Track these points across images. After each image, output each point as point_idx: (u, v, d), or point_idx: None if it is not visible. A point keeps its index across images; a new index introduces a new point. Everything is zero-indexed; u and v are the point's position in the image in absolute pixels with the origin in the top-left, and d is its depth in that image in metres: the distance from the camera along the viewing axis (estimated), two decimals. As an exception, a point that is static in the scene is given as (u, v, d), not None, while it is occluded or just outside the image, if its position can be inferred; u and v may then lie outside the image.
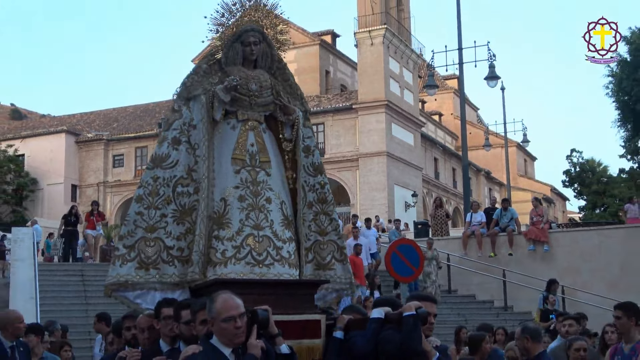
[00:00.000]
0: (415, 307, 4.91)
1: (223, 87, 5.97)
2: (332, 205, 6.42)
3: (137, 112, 54.21)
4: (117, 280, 5.75)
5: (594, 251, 20.26)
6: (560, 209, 72.04)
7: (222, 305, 4.33)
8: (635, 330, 6.75)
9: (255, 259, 5.71)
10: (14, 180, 47.82)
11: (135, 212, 5.90)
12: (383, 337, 4.91)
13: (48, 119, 60.80)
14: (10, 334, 7.26)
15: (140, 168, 48.99)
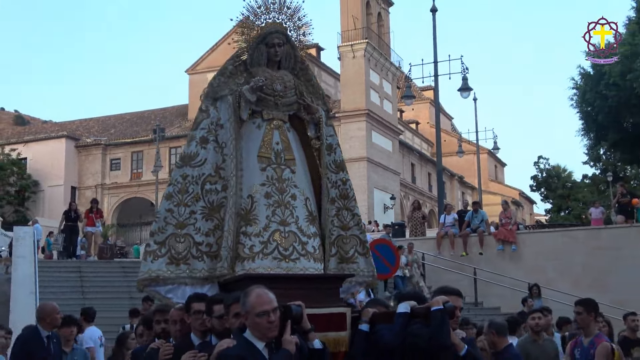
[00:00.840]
0: (442, 302, 4.71)
1: (249, 88, 5.80)
2: (353, 200, 6.22)
3: (134, 119, 54.07)
4: (148, 275, 5.58)
5: (559, 251, 20.29)
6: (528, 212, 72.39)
7: (255, 299, 4.18)
8: (595, 325, 6.82)
9: (282, 254, 5.55)
10: (17, 182, 47.62)
11: (165, 209, 5.73)
12: (411, 331, 4.72)
13: (49, 125, 60.64)
14: (48, 324, 7.14)
15: (136, 171, 49.01)
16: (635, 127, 29.28)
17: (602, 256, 19.59)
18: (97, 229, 22.73)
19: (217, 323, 4.79)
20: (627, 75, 26.78)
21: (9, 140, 51.94)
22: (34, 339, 7.05)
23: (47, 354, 7.04)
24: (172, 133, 46.98)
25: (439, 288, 5.21)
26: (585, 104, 29.93)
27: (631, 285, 18.45)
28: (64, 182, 48.66)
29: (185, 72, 50.65)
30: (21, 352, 6.92)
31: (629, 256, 19.32)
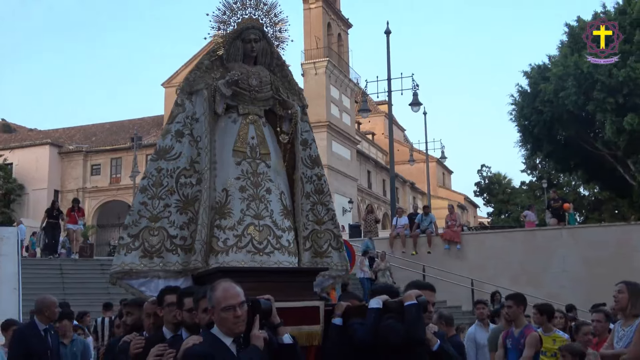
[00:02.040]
0: (415, 296, 4.36)
1: (225, 82, 5.35)
2: (328, 195, 5.83)
3: (113, 128, 53.39)
4: (121, 268, 5.09)
5: (499, 250, 20.43)
6: (472, 215, 73.05)
7: (221, 294, 3.71)
8: (524, 317, 6.91)
9: (256, 248, 5.11)
10: (3, 186, 46.81)
11: (139, 202, 5.27)
12: (385, 326, 4.31)
13: (34, 133, 59.66)
14: (46, 317, 6.72)
15: (115, 176, 48.46)
16: (567, 139, 29.64)
17: (537, 255, 19.77)
18: (78, 226, 22.06)
19: (188, 316, 4.33)
20: (560, 93, 27.10)
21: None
22: (32, 333, 6.63)
23: (45, 346, 6.60)
24: (149, 141, 46.39)
25: (412, 282, 4.84)
26: (522, 118, 30.26)
27: (563, 281, 18.73)
28: (47, 186, 47.74)
29: (161, 85, 50.11)
30: (19, 345, 6.51)
31: (561, 255, 19.59)
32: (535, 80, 29.53)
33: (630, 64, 25.10)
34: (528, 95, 29.83)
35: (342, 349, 4.48)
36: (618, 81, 25.22)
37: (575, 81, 26.65)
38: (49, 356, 6.57)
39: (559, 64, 27.89)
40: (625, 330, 5.71)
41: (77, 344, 7.64)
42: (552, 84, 27.60)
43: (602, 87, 25.73)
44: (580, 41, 27.86)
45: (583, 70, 26.20)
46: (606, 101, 25.79)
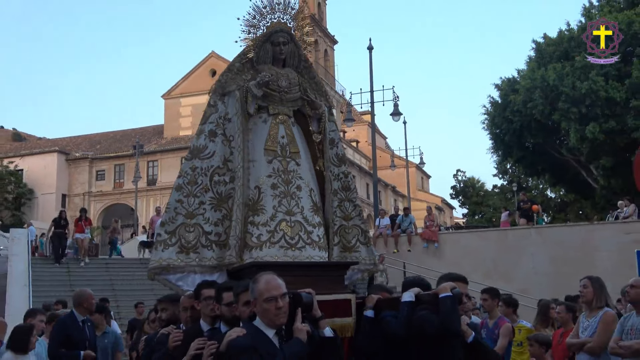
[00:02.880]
0: (450, 288, 4.05)
1: (256, 83, 5.12)
2: (354, 192, 5.60)
3: (117, 136, 53.00)
4: (159, 264, 4.87)
5: (473, 248, 20.35)
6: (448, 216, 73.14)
7: (264, 285, 3.50)
8: (498, 309, 6.93)
9: (288, 243, 4.88)
10: (14, 190, 46.16)
11: (175, 200, 5.02)
12: (420, 318, 3.98)
13: (43, 141, 59.23)
14: (85, 309, 6.60)
15: (118, 181, 48.18)
16: (534, 146, 29.79)
17: (508, 252, 19.78)
18: (86, 235, 21.27)
19: (227, 310, 4.07)
20: (528, 103, 27.27)
21: (7, 154, 50.06)
22: (72, 323, 6.51)
23: (84, 336, 6.50)
24: (150, 149, 46.09)
25: (445, 275, 4.51)
26: (494, 127, 30.40)
27: (532, 276, 18.78)
28: (55, 190, 47.11)
29: (161, 97, 49.72)
30: (60, 335, 6.37)
31: (530, 252, 19.65)
32: (505, 92, 29.69)
33: (592, 77, 25.27)
34: (499, 105, 29.99)
35: (374, 341, 4.23)
36: (581, 93, 25.39)
37: (542, 93, 26.81)
38: (86, 345, 6.48)
39: (527, 77, 28.06)
40: (589, 321, 5.73)
41: (109, 335, 7.48)
42: (520, 96, 27.77)
43: (566, 99, 25.89)
44: (546, 56, 28.18)
45: (549, 83, 26.37)
46: (570, 111, 25.95)
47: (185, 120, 47.84)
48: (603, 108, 25.46)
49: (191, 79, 48.12)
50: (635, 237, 19.21)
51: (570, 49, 27.30)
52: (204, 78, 47.10)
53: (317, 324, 3.79)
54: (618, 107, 25.24)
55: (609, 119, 25.44)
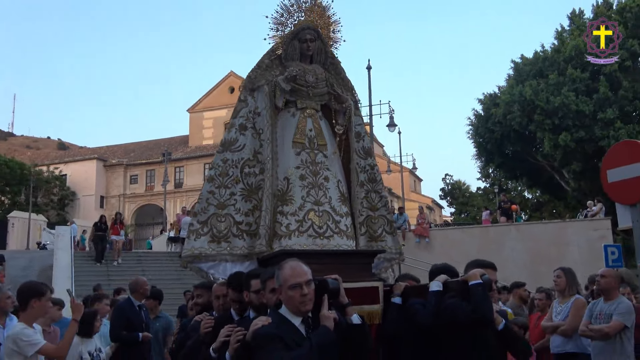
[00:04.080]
0: (480, 275, 3.55)
1: (284, 78, 4.70)
2: (380, 184, 5.10)
3: (149, 145, 53.00)
4: (191, 252, 4.46)
5: (460, 243, 20.19)
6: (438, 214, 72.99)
7: (289, 272, 3.06)
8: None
9: (317, 232, 4.44)
10: (59, 193, 46.26)
11: (207, 190, 4.63)
12: (450, 305, 3.52)
13: (84, 149, 59.39)
14: (140, 294, 6.44)
15: (149, 185, 48.18)
16: (513, 153, 29.59)
17: (491, 246, 19.67)
18: (120, 237, 20.76)
19: (255, 297, 3.64)
20: (507, 116, 27.13)
21: (53, 161, 50.23)
22: (129, 308, 6.32)
23: (140, 319, 6.30)
24: (177, 156, 46.10)
25: (473, 261, 4.01)
26: (478, 136, 30.29)
27: (511, 267, 18.68)
28: (94, 192, 46.96)
29: (186, 110, 49.79)
30: (120, 318, 6.21)
31: (509, 246, 19.60)
32: (487, 105, 29.59)
33: (564, 92, 25.12)
34: (482, 117, 29.88)
35: (402, 327, 3.77)
36: (554, 106, 25.26)
37: (519, 106, 26.66)
38: (143, 328, 6.28)
39: (507, 93, 27.92)
40: (562, 306, 5.71)
41: (162, 319, 7.18)
42: (501, 109, 27.66)
43: (541, 111, 25.77)
44: (523, 74, 28.07)
45: (526, 98, 26.24)
46: (545, 122, 25.81)
47: (208, 131, 47.84)
48: (574, 120, 25.31)
49: (212, 95, 48.14)
50: (602, 233, 19.17)
51: (545, 68, 27.16)
52: (224, 95, 47.17)
53: (344, 311, 3.31)
54: (587, 118, 25.09)
55: (579, 129, 25.29)
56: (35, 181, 41.90)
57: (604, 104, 24.73)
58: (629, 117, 25.20)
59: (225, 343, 3.38)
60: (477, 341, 3.46)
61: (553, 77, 25.87)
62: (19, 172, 43.13)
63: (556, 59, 26.53)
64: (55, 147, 67.97)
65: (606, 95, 24.60)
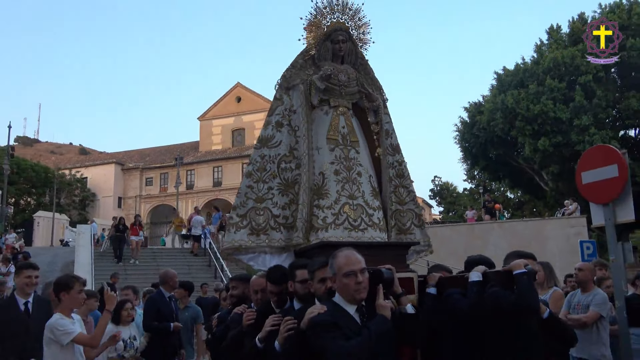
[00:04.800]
0: (523, 264, 3.25)
1: (319, 76, 4.51)
2: (408, 179, 4.86)
3: (162, 150, 52.84)
4: (231, 245, 4.25)
5: (448, 239, 20.12)
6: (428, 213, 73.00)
7: (343, 260, 2.85)
8: None
9: (352, 224, 4.23)
10: (80, 194, 46.14)
11: (246, 185, 4.40)
12: (493, 295, 3.20)
13: (104, 154, 59.26)
14: (170, 286, 6.22)
15: (163, 187, 48.07)
16: (496, 157, 29.55)
17: (476, 242, 19.66)
18: (139, 238, 20.12)
19: (300, 287, 3.39)
20: (491, 122, 27.12)
21: (75, 165, 50.13)
22: (160, 299, 6.15)
23: (170, 310, 6.14)
24: (188, 160, 45.91)
25: (513, 252, 3.73)
26: (464, 141, 30.29)
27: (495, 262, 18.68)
28: (113, 194, 46.74)
29: (197, 118, 49.65)
30: (152, 308, 6.06)
31: (493, 242, 19.59)
32: (472, 113, 29.58)
33: (543, 101, 25.09)
34: (467, 124, 29.87)
35: (437, 317, 3.49)
36: (534, 114, 25.24)
37: (502, 114, 26.64)
38: (173, 318, 6.12)
39: (490, 102, 27.92)
40: (541, 298, 5.71)
41: (190, 309, 6.98)
42: (485, 116, 27.66)
43: (522, 118, 25.74)
44: (505, 84, 28.01)
45: (508, 106, 26.22)
46: (525, 128, 25.78)
47: (216, 137, 47.71)
48: (552, 126, 25.29)
49: (221, 104, 48.04)
50: (578, 230, 19.18)
51: (525, 79, 27.14)
52: (231, 104, 47.08)
53: (398, 300, 3.08)
54: (564, 125, 25.07)
55: (557, 135, 25.26)
56: (59, 183, 41.77)
57: (580, 112, 24.72)
58: (603, 123, 25.21)
59: (271, 333, 3.15)
60: (522, 330, 3.20)
61: (533, 87, 25.86)
62: (43, 175, 43.11)
63: (535, 71, 26.54)
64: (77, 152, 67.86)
65: (581, 104, 24.59)
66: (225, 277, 15.48)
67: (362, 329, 2.70)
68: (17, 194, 41.37)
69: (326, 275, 3.03)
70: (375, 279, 2.94)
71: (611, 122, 26.07)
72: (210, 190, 44.62)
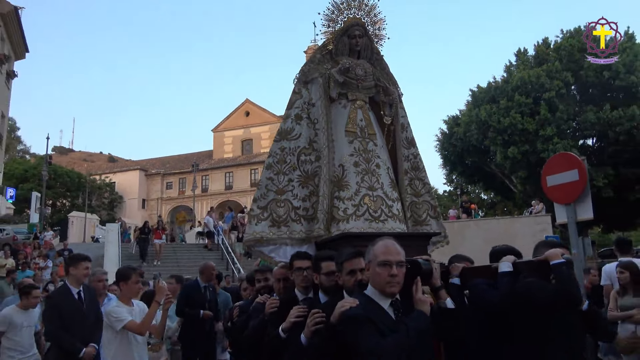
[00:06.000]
0: (560, 254, 2.62)
1: (337, 69, 4.06)
2: (423, 172, 4.36)
3: (181, 158, 52.56)
4: (253, 237, 3.73)
5: (430, 235, 20.20)
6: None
7: (381, 248, 2.31)
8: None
9: (372, 216, 3.73)
10: (109, 197, 45.86)
11: (266, 177, 3.90)
12: (529, 286, 2.60)
13: (129, 162, 58.99)
14: (205, 277, 5.91)
15: (181, 190, 48.00)
16: (472, 163, 29.37)
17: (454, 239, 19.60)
18: (162, 241, 19.14)
19: (326, 280, 2.88)
20: (467, 133, 27.05)
21: (105, 171, 49.88)
22: (193, 288, 5.85)
23: (203, 299, 5.81)
24: (203, 167, 45.76)
25: (542, 242, 3.14)
26: (443, 149, 30.25)
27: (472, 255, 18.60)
28: (137, 196, 46.48)
29: (211, 130, 49.55)
30: (183, 296, 5.78)
31: (469, 238, 19.53)
32: (451, 125, 29.55)
33: (512, 114, 25.06)
34: (446, 135, 29.82)
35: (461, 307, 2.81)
36: (504, 125, 25.21)
37: (476, 126, 26.56)
38: (206, 306, 5.76)
39: (466, 115, 27.87)
40: None
41: (221, 296, 6.61)
42: (462, 128, 27.63)
43: (494, 130, 25.69)
44: (479, 100, 28.00)
45: (481, 119, 26.14)
46: (497, 139, 25.71)
47: (228, 147, 47.62)
48: (520, 136, 25.25)
49: (231, 118, 48.00)
50: (544, 227, 19.12)
51: (496, 95, 27.11)
52: (241, 118, 47.06)
53: (437, 294, 2.53)
54: (530, 135, 25.05)
55: (524, 144, 25.23)
56: (90, 187, 41.57)
57: (544, 124, 24.73)
58: (565, 134, 25.23)
59: (296, 324, 2.64)
60: (560, 323, 2.62)
61: (503, 102, 25.86)
62: (77, 180, 42.85)
63: (505, 88, 26.54)
64: (106, 160, 67.62)
65: (546, 117, 24.60)
66: (237, 270, 15.42)
67: (399, 325, 2.16)
68: (54, 196, 41.16)
69: (355, 267, 2.55)
70: (413, 270, 2.38)
71: (572, 133, 26.09)
72: (223, 193, 44.52)
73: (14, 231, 23.01)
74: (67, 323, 4.13)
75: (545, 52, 25.91)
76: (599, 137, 25.65)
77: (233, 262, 16.94)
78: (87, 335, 4.14)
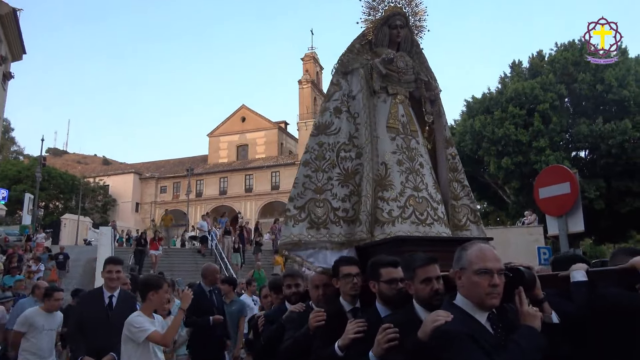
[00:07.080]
0: None
1: (380, 60, 3.69)
2: (462, 173, 4.07)
3: (175, 162, 52.09)
4: (290, 239, 3.29)
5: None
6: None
7: (478, 254, 1.97)
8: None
9: (418, 219, 3.35)
10: (103, 200, 45.21)
11: (303, 175, 3.47)
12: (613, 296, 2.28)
13: (124, 165, 58.60)
14: (209, 281, 5.50)
15: (175, 194, 47.72)
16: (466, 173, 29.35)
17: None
18: (159, 252, 18.80)
19: (387, 288, 2.50)
20: (461, 143, 27.19)
21: (98, 174, 49.15)
22: (199, 292, 5.27)
23: (210, 303, 5.39)
24: (197, 171, 45.53)
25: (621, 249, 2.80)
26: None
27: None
28: (131, 200, 45.89)
29: (206, 135, 49.34)
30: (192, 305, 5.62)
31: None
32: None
33: (506, 125, 25.25)
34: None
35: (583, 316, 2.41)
36: (498, 136, 25.37)
37: (471, 136, 26.71)
38: (214, 312, 5.37)
39: (461, 125, 28.02)
40: None
41: (236, 303, 6.18)
42: (456, 138, 27.80)
43: (488, 140, 25.84)
44: (473, 111, 28.23)
45: (476, 130, 26.30)
46: (491, 149, 25.85)
47: (223, 152, 47.43)
48: (513, 147, 25.42)
49: (227, 123, 47.89)
50: (536, 237, 19.17)
51: (491, 106, 27.31)
52: (237, 123, 47.01)
53: (540, 307, 2.09)
54: (524, 146, 25.23)
55: (518, 155, 25.39)
56: (84, 190, 40.94)
57: (538, 135, 24.92)
58: (557, 146, 25.44)
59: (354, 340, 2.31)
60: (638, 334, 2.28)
61: (497, 113, 26.05)
62: (70, 182, 42.24)
63: (499, 99, 26.76)
64: (101, 163, 67.13)
65: (539, 128, 24.80)
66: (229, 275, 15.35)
67: (509, 344, 1.80)
68: (47, 198, 40.59)
69: (431, 274, 2.23)
70: (514, 279, 2.01)
71: (564, 145, 26.32)
72: (217, 198, 44.35)
73: (5, 232, 22.82)
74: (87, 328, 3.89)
75: (539, 64, 26.18)
76: (591, 150, 25.88)
77: (226, 267, 16.89)
78: (109, 342, 3.84)
